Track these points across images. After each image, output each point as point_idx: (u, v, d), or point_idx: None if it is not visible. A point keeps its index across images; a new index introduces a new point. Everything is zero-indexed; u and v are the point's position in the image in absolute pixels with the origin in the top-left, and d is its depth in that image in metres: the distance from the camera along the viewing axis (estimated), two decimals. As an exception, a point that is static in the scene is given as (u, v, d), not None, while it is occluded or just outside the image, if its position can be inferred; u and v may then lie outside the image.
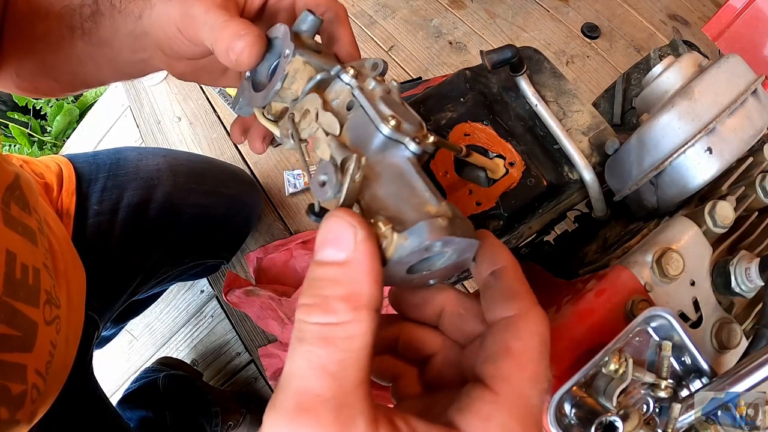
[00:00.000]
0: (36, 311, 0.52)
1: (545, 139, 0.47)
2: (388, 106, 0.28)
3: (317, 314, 0.22)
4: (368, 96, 0.29)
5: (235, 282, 1.13)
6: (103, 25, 0.40)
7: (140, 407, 1.00)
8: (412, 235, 0.23)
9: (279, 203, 1.28)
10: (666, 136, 0.39)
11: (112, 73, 0.44)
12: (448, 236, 0.23)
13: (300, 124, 0.32)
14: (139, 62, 0.42)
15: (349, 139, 0.29)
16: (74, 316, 0.65)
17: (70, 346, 0.63)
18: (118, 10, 0.39)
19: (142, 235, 0.85)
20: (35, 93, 0.50)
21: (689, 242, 0.38)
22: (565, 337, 0.35)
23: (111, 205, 0.82)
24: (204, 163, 1.08)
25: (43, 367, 0.53)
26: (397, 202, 0.25)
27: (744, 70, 0.40)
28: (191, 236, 0.96)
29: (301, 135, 0.31)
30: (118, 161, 0.87)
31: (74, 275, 0.67)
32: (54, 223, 0.69)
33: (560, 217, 0.50)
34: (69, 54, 0.42)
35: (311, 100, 0.31)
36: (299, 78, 0.33)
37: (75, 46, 0.41)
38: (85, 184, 0.81)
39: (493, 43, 1.34)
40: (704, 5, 1.33)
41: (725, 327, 0.37)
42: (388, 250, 0.23)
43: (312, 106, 0.31)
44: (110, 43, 0.40)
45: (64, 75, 0.45)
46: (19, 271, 0.50)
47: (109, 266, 0.80)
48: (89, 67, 0.43)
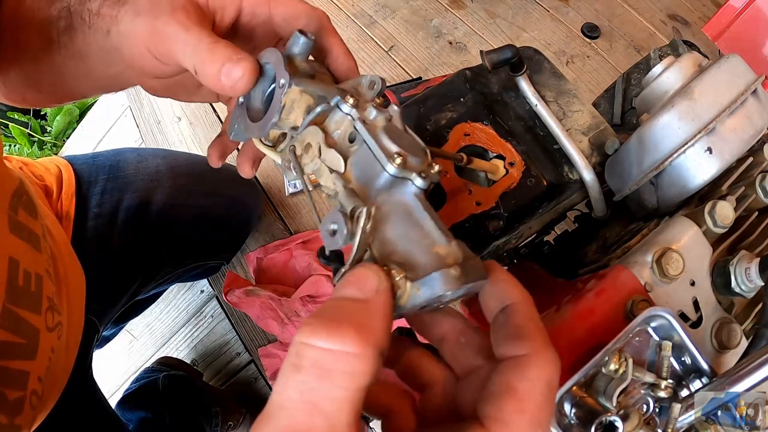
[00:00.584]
0: (38, 318, 0.52)
1: (545, 139, 0.47)
2: (392, 140, 0.28)
3: (322, 337, 0.20)
4: (371, 129, 0.28)
5: (235, 282, 1.13)
6: (76, 39, 0.39)
7: (140, 408, 1.00)
8: (425, 287, 0.23)
9: (279, 203, 1.28)
10: (666, 136, 0.39)
11: (91, 86, 0.43)
12: (461, 285, 0.23)
13: (302, 158, 0.31)
14: (114, 76, 0.41)
15: (353, 175, 0.29)
16: (74, 321, 0.65)
17: (70, 352, 0.62)
18: (88, 25, 0.37)
19: (142, 237, 0.85)
20: (23, 103, 0.49)
21: (689, 242, 0.38)
22: (565, 337, 0.35)
23: (111, 207, 0.81)
24: (204, 163, 1.07)
25: (43, 373, 0.53)
26: (406, 245, 0.26)
27: (744, 70, 0.40)
28: (191, 237, 0.96)
29: (305, 170, 0.31)
30: (118, 163, 0.86)
31: (74, 280, 0.67)
32: (54, 227, 0.68)
33: (560, 217, 0.50)
34: (49, 66, 0.41)
35: (312, 133, 0.30)
36: (296, 107, 0.32)
37: (54, 58, 0.40)
38: (84, 186, 0.80)
39: (493, 43, 1.34)
40: (704, 5, 1.33)
41: (725, 327, 0.37)
42: (402, 298, 0.24)
43: (314, 141, 0.30)
44: (85, 57, 0.39)
45: (47, 86, 0.44)
46: (22, 279, 0.50)
47: (108, 269, 0.79)
48: (68, 79, 0.42)
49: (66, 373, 0.62)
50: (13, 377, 0.49)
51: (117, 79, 0.42)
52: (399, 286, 0.24)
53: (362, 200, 0.27)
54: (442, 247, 0.25)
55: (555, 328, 0.35)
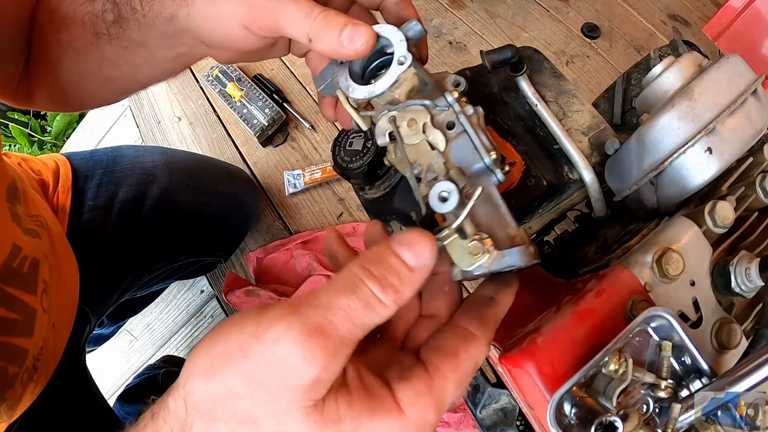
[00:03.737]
0: (34, 298, 0.53)
1: (545, 139, 0.47)
2: (486, 137, 0.33)
3: (375, 286, 0.27)
4: (471, 123, 0.34)
5: (235, 282, 1.13)
6: (129, 29, 0.40)
7: (139, 401, 1.01)
8: (509, 256, 0.29)
9: (279, 203, 1.28)
10: (666, 137, 0.39)
11: (151, 72, 0.45)
12: (530, 261, 0.30)
13: (402, 129, 0.35)
14: (178, 57, 0.43)
15: (452, 157, 0.33)
16: (65, 305, 0.66)
17: (59, 335, 0.64)
18: (141, 14, 0.39)
19: (136, 230, 0.85)
20: (68, 107, 0.50)
21: (689, 242, 0.38)
22: (565, 337, 0.35)
23: (106, 200, 0.82)
24: (202, 161, 1.08)
25: (38, 352, 0.54)
26: (489, 222, 0.31)
27: (744, 70, 0.40)
28: (186, 232, 0.96)
29: (405, 141, 0.35)
30: (115, 158, 0.87)
31: (66, 268, 0.68)
32: (49, 217, 0.69)
33: (560, 217, 0.50)
34: (100, 59, 0.42)
35: (420, 112, 0.35)
36: (404, 85, 0.36)
37: (104, 51, 0.41)
38: (81, 180, 0.81)
39: (493, 43, 1.34)
40: (704, 5, 1.33)
41: (725, 327, 0.37)
42: (488, 261, 0.29)
43: (419, 119, 0.34)
44: (143, 43, 0.41)
45: (99, 81, 0.45)
46: (18, 261, 0.51)
47: (102, 261, 0.80)
48: (125, 69, 0.43)
49: (55, 357, 0.63)
50: (17, 354, 0.50)
51: (180, 59, 0.43)
52: (489, 251, 0.29)
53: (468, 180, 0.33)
54: (513, 230, 0.31)
55: (555, 328, 0.35)
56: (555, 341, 0.35)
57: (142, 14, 0.39)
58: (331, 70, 0.39)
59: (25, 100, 0.49)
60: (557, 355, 0.34)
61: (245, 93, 1.37)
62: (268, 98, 1.35)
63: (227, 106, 1.39)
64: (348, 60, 0.37)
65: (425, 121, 0.34)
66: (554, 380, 0.34)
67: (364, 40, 0.34)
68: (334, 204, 1.24)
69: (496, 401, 0.72)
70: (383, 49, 0.37)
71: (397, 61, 0.35)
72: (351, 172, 0.46)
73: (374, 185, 0.48)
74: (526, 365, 0.35)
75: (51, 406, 0.64)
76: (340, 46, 0.35)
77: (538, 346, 0.35)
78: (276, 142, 1.33)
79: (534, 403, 0.36)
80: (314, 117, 1.35)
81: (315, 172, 1.25)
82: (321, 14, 0.35)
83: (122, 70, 0.43)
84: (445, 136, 0.34)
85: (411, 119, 0.35)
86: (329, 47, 0.35)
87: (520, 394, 0.37)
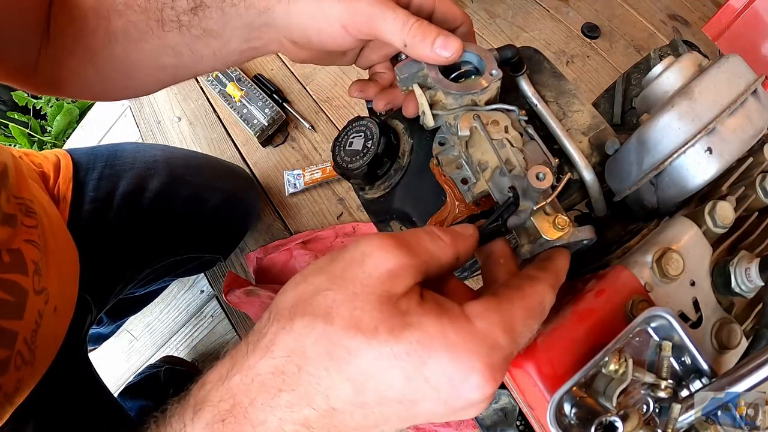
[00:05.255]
0: (26, 279, 0.54)
1: (545, 139, 0.47)
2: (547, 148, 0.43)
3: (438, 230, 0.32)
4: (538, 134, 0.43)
5: (235, 282, 1.13)
6: (209, 17, 0.41)
7: (141, 397, 1.01)
8: (582, 232, 0.36)
9: (279, 203, 1.28)
10: (666, 137, 0.39)
11: (212, 62, 0.45)
12: (595, 238, 0.37)
13: (488, 127, 0.41)
14: (249, 50, 0.44)
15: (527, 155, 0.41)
16: (66, 290, 0.67)
17: (59, 319, 0.64)
18: (230, 3, 0.40)
19: (136, 222, 0.86)
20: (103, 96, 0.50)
21: (689, 242, 0.38)
22: (565, 337, 0.35)
23: (106, 192, 0.83)
24: (202, 158, 1.08)
25: (29, 335, 0.54)
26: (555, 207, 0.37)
27: (744, 70, 0.40)
28: (185, 227, 0.97)
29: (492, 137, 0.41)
30: (116, 153, 0.88)
31: (66, 255, 0.69)
32: (48, 205, 0.70)
33: (560, 217, 0.50)
34: (158, 48, 0.42)
35: (501, 116, 0.42)
36: (488, 93, 0.42)
37: (166, 38, 0.42)
38: (82, 172, 0.82)
39: (493, 43, 1.34)
40: (704, 5, 1.33)
41: (725, 327, 0.37)
42: (568, 234, 0.35)
43: (503, 121, 0.41)
44: (218, 33, 0.41)
45: (150, 70, 0.45)
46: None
47: (103, 251, 0.81)
48: (185, 58, 0.44)
49: (56, 341, 0.63)
50: (3, 336, 0.50)
51: (249, 53, 0.44)
52: (571, 225, 0.35)
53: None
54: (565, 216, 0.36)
55: (555, 328, 0.35)
56: (555, 341, 0.35)
57: (231, 3, 0.40)
58: (410, 68, 0.43)
59: (47, 87, 0.49)
60: (557, 355, 0.34)
61: (245, 93, 1.37)
62: (268, 98, 1.35)
63: (227, 106, 1.39)
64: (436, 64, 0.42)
65: (507, 124, 0.41)
66: (554, 380, 0.34)
67: (455, 49, 0.39)
68: (334, 204, 1.24)
69: (496, 401, 0.72)
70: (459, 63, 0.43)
71: (490, 73, 0.42)
72: (351, 172, 0.46)
73: (374, 185, 0.48)
74: (526, 365, 0.35)
75: (55, 397, 0.64)
76: (433, 53, 0.39)
77: (538, 346, 0.35)
78: (276, 142, 1.33)
79: (534, 403, 0.36)
80: (314, 117, 1.35)
81: (315, 172, 1.25)
82: (417, 23, 0.39)
83: (182, 59, 0.44)
84: (522, 138, 0.42)
85: (494, 120, 0.41)
86: (422, 53, 0.39)
87: (520, 394, 0.37)
